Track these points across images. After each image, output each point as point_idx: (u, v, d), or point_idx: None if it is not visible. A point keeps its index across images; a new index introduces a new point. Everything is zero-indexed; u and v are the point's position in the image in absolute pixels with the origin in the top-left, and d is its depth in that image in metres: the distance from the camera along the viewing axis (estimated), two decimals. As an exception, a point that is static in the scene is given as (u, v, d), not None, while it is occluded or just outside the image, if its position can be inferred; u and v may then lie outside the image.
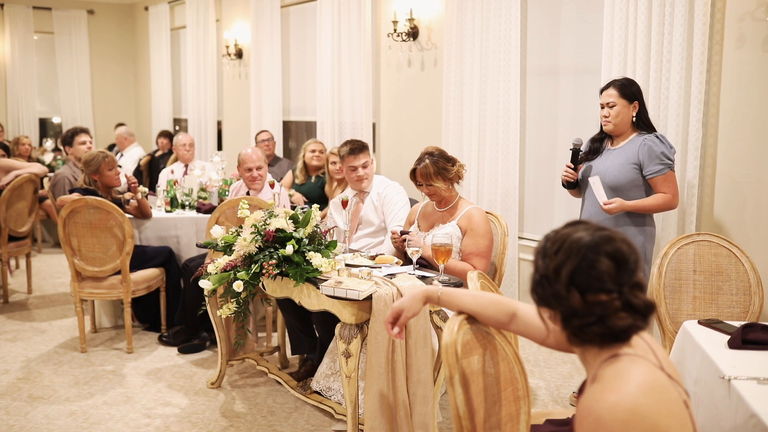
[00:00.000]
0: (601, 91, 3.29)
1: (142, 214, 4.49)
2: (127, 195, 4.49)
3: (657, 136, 3.18)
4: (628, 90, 3.20)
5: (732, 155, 3.50)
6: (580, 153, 3.39)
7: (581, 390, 1.54)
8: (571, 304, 1.36)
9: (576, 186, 3.44)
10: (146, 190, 4.61)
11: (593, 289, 1.34)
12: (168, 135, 8.20)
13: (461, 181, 3.41)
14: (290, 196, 5.29)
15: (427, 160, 3.31)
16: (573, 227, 1.42)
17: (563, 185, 3.48)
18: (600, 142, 3.37)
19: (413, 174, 3.37)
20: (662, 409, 1.28)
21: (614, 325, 1.35)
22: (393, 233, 3.44)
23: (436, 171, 3.29)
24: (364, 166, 3.88)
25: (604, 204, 3.13)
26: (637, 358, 1.36)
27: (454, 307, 1.83)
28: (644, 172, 3.17)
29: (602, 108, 3.27)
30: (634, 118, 3.23)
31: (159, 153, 8.12)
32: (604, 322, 1.35)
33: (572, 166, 3.37)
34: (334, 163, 4.89)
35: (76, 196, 4.18)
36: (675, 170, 3.22)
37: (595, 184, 3.18)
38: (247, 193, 4.55)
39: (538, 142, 4.62)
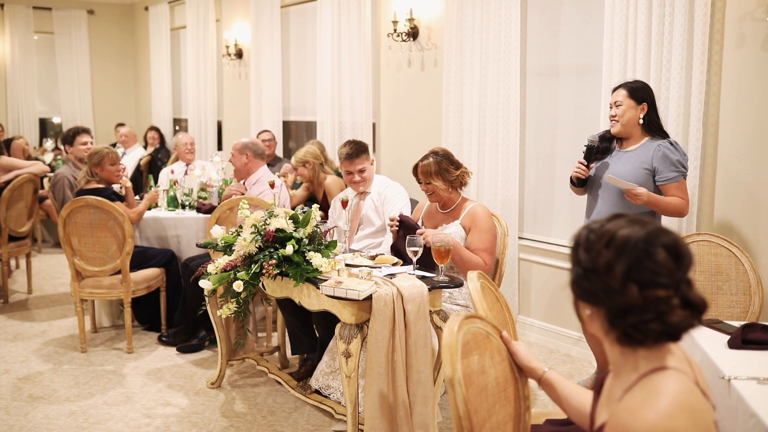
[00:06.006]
0: (613, 90, 3.32)
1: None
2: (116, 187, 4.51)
3: (671, 143, 3.18)
4: (637, 91, 3.22)
5: (732, 155, 3.49)
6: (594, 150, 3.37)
7: (600, 383, 1.52)
8: (627, 299, 1.28)
9: (584, 184, 3.42)
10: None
11: (652, 283, 1.27)
12: (158, 129, 8.44)
13: (464, 188, 3.40)
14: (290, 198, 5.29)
15: (431, 159, 3.33)
16: (617, 221, 1.34)
17: (572, 182, 3.44)
18: (609, 141, 3.37)
19: (415, 169, 3.38)
20: None
21: (672, 322, 1.28)
22: (392, 219, 3.39)
23: (437, 170, 3.29)
24: (361, 171, 3.88)
25: (633, 191, 3.04)
26: (680, 374, 1.31)
27: (554, 396, 1.85)
28: (657, 178, 3.15)
29: (611, 108, 3.29)
30: (641, 120, 3.22)
31: (150, 148, 8.20)
32: (662, 319, 1.28)
33: (585, 163, 3.35)
34: (296, 168, 4.94)
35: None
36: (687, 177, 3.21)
37: (613, 180, 3.12)
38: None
39: (538, 142, 4.61)
